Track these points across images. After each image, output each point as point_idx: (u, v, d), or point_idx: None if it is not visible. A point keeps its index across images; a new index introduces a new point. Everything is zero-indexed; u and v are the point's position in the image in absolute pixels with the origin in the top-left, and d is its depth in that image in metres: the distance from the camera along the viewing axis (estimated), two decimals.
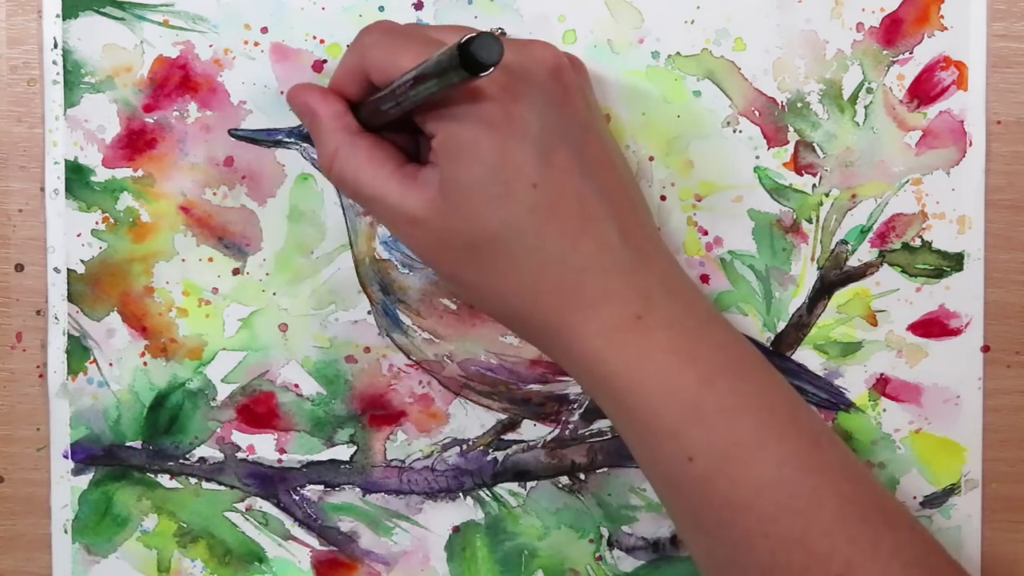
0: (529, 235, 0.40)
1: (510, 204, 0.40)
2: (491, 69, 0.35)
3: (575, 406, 0.49)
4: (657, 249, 0.43)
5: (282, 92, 0.48)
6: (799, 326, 0.48)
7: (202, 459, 0.49)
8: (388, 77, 0.41)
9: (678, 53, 0.48)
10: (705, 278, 0.48)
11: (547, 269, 0.40)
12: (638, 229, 0.42)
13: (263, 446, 0.49)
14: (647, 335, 0.40)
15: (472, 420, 0.49)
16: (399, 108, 0.40)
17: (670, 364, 0.40)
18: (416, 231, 0.41)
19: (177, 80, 0.48)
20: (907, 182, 0.48)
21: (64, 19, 0.47)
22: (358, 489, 0.49)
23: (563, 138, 0.40)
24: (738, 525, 0.40)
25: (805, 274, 0.48)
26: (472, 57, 0.34)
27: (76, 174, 0.48)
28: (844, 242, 0.48)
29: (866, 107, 0.48)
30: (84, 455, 0.49)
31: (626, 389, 0.40)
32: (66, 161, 0.48)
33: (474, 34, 0.34)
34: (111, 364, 0.48)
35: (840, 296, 0.48)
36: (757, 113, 0.48)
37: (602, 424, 0.49)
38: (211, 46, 0.48)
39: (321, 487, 0.49)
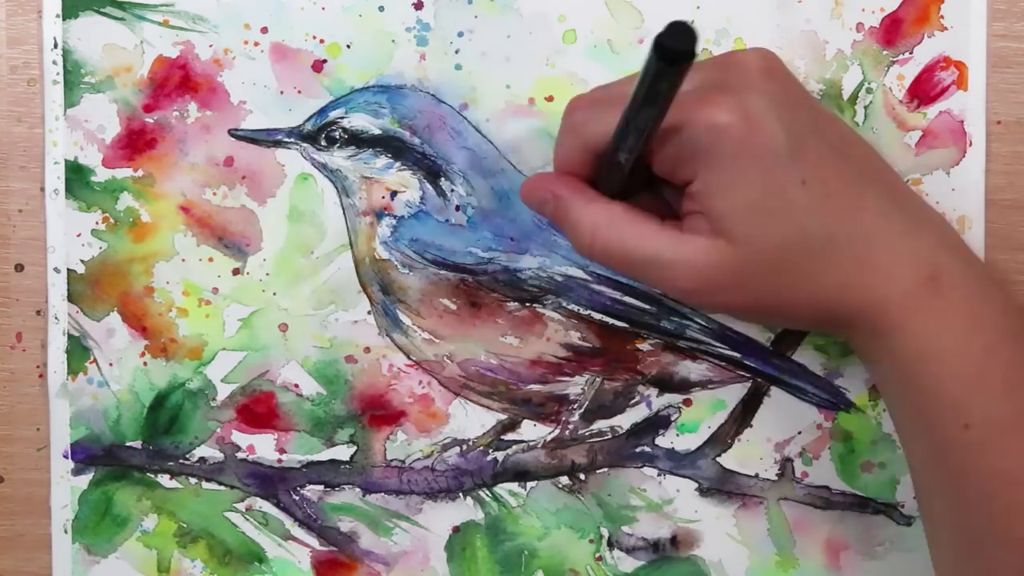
0: (816, 231, 0.40)
1: (791, 211, 0.40)
2: (692, 56, 0.34)
3: (575, 406, 0.49)
4: (926, 208, 0.43)
5: (282, 92, 0.48)
6: None
7: (202, 459, 0.49)
8: (608, 143, 0.40)
9: None
10: None
11: (840, 254, 0.40)
12: (900, 190, 0.43)
13: (263, 446, 0.49)
14: (942, 296, 0.40)
15: (472, 420, 0.49)
16: (633, 153, 0.40)
17: (961, 330, 0.40)
18: (704, 279, 0.40)
19: (177, 80, 0.48)
20: (907, 182, 0.48)
21: (64, 19, 0.47)
22: (358, 489, 0.49)
23: (805, 128, 0.40)
24: (1002, 497, 0.39)
25: None
26: (670, 49, 0.34)
27: (76, 174, 0.48)
28: None
29: (866, 107, 0.48)
30: (84, 455, 0.49)
31: (914, 355, 0.40)
32: (66, 161, 0.48)
33: (662, 31, 0.34)
34: (111, 364, 0.48)
35: None
36: None
37: (602, 424, 0.49)
38: (211, 46, 0.48)
39: (321, 487, 0.49)
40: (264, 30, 0.48)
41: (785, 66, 0.42)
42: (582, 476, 0.49)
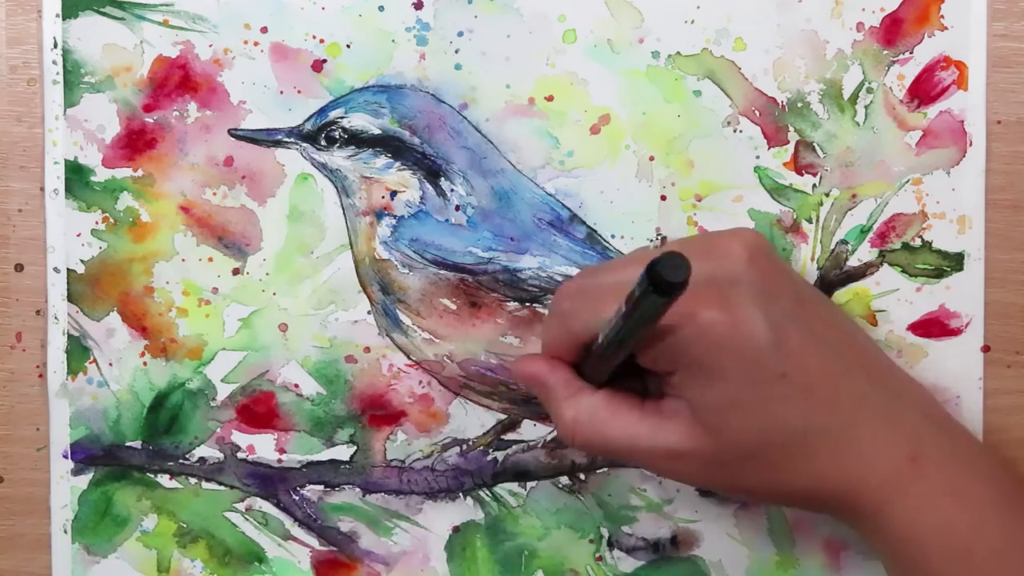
0: (794, 422, 0.40)
1: (769, 405, 0.39)
2: (685, 285, 0.34)
3: None
4: (906, 383, 0.43)
5: (282, 92, 0.48)
6: None
7: (202, 459, 0.49)
8: (596, 334, 0.40)
9: (678, 53, 0.48)
10: None
11: (817, 443, 0.40)
12: (881, 369, 0.42)
13: (263, 446, 0.49)
14: (924, 476, 0.40)
15: (472, 420, 0.49)
16: (619, 354, 0.40)
17: (944, 508, 0.40)
18: (681, 463, 0.41)
19: (177, 80, 0.48)
20: (907, 182, 0.48)
21: (64, 19, 0.47)
22: (358, 489, 0.49)
23: (787, 317, 0.40)
24: None
25: (805, 274, 0.48)
26: (663, 279, 0.34)
27: (76, 174, 0.48)
28: (844, 242, 0.48)
29: (866, 107, 0.48)
30: (84, 455, 0.49)
31: (901, 535, 0.40)
32: (66, 161, 0.48)
33: (656, 258, 0.34)
34: (111, 364, 0.48)
35: (840, 296, 0.48)
36: (757, 113, 0.48)
37: None
38: (211, 46, 0.48)
39: (321, 487, 0.49)
40: (264, 30, 0.48)
41: (770, 248, 0.42)
42: (582, 476, 0.49)
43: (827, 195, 0.48)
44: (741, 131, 0.48)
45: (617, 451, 0.42)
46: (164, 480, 0.49)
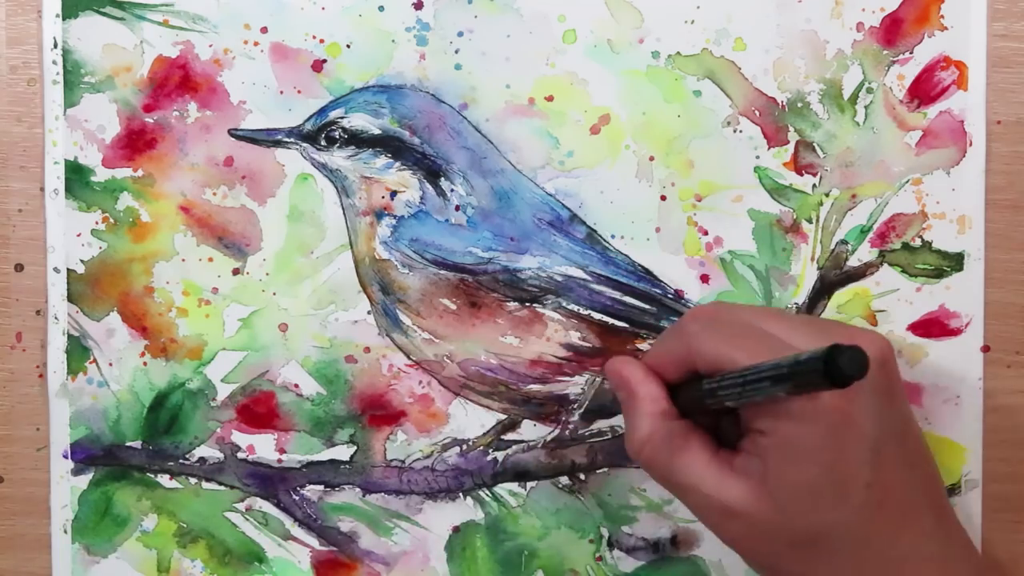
0: (856, 532, 0.39)
1: (842, 505, 0.39)
2: (854, 382, 0.34)
3: (575, 406, 0.49)
4: (957, 528, 0.43)
5: (282, 92, 0.48)
6: None
7: (202, 459, 0.49)
8: (716, 369, 0.40)
9: (678, 53, 0.48)
10: (705, 278, 0.48)
11: (868, 562, 0.40)
12: (951, 521, 0.42)
13: (263, 446, 0.49)
14: None
15: (472, 420, 0.49)
16: (732, 403, 0.39)
17: None
18: (733, 523, 0.40)
19: (177, 80, 0.48)
20: (907, 182, 0.48)
21: (64, 19, 0.47)
22: (358, 489, 0.49)
23: (891, 433, 0.40)
24: None
25: (805, 274, 0.48)
26: (840, 370, 0.34)
27: (76, 174, 0.48)
28: (844, 242, 0.48)
29: (866, 107, 0.48)
30: (84, 455, 0.49)
31: None
32: (66, 161, 0.48)
33: (839, 347, 0.34)
34: (111, 364, 0.48)
35: (840, 296, 0.48)
36: (757, 113, 0.48)
37: (602, 424, 0.49)
38: (211, 46, 0.48)
39: (321, 487, 0.49)
40: (264, 30, 0.48)
41: (895, 358, 0.41)
42: (582, 476, 0.49)
43: (827, 195, 0.48)
44: (741, 131, 0.48)
45: (676, 484, 0.41)
46: (164, 480, 0.49)
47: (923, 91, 0.48)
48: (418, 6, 0.48)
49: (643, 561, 0.49)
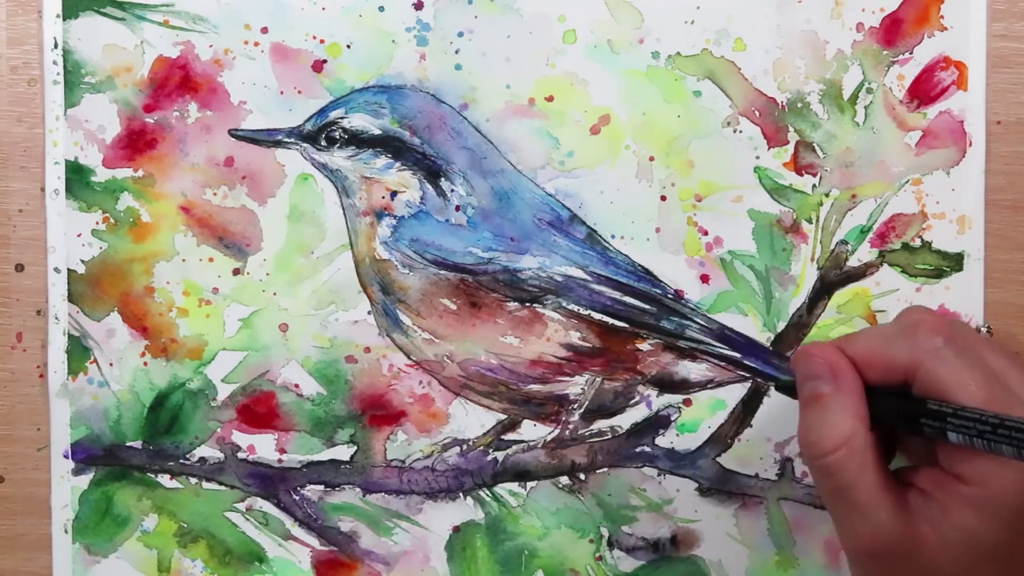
0: None
1: (999, 574, 0.37)
2: None
3: (575, 406, 0.49)
4: None
5: (282, 92, 0.48)
6: (799, 326, 0.48)
7: (202, 459, 0.49)
8: (942, 395, 0.37)
9: (678, 53, 0.48)
10: (705, 278, 0.48)
11: None
12: None
13: (263, 446, 0.49)
14: None
15: (472, 420, 0.49)
16: (958, 440, 0.37)
17: None
18: (880, 563, 0.38)
19: (177, 80, 0.48)
20: (907, 182, 0.48)
21: (64, 19, 0.47)
22: (358, 489, 0.49)
23: None
24: None
25: (805, 274, 0.48)
26: None
27: (76, 174, 0.48)
28: (844, 242, 0.48)
29: (866, 107, 0.48)
30: (84, 455, 0.49)
31: None
32: (66, 161, 0.48)
33: None
34: (111, 364, 0.48)
35: (840, 296, 0.48)
36: (757, 113, 0.48)
37: (602, 424, 0.49)
38: (211, 46, 0.48)
39: (321, 487, 0.49)
40: (264, 30, 0.48)
41: None
42: (582, 476, 0.49)
43: (827, 195, 0.48)
44: (741, 131, 0.48)
45: (849, 501, 0.38)
46: (164, 480, 0.49)
47: (923, 91, 0.48)
48: (418, 6, 0.48)
49: (643, 561, 0.49)
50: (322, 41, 0.48)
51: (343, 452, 0.49)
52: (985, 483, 0.37)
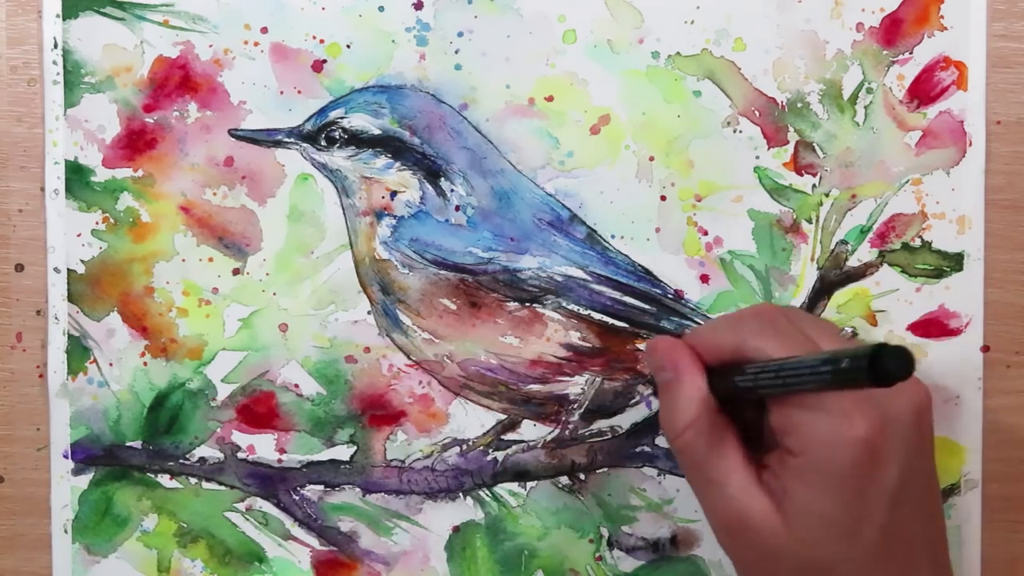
0: (860, 570, 0.39)
1: (854, 542, 0.39)
2: (896, 382, 0.34)
3: (575, 406, 0.49)
4: None
5: (282, 92, 0.48)
6: None
7: (202, 459, 0.49)
8: (755, 359, 0.40)
9: (678, 53, 0.48)
10: (705, 278, 0.48)
11: None
12: (945, 571, 0.42)
13: (263, 446, 0.49)
14: None
15: (472, 420, 0.49)
16: (770, 392, 0.39)
17: None
18: (744, 536, 0.40)
19: (177, 80, 0.48)
20: (907, 182, 0.48)
21: (64, 19, 0.47)
22: (358, 489, 0.49)
23: (913, 483, 0.40)
24: None
25: (805, 274, 0.48)
26: (885, 369, 0.34)
27: (76, 174, 0.48)
28: (844, 242, 0.48)
29: (866, 107, 0.48)
30: (84, 455, 0.49)
31: None
32: (66, 161, 0.48)
33: (886, 345, 0.34)
34: (111, 364, 0.48)
35: (840, 296, 0.48)
36: (757, 113, 0.48)
37: (602, 424, 0.49)
38: (211, 46, 0.48)
39: (321, 487, 0.49)
40: (264, 30, 0.48)
41: (932, 411, 0.41)
42: (582, 476, 0.49)
43: (827, 195, 0.48)
44: (741, 131, 0.48)
45: (705, 478, 0.41)
46: (164, 480, 0.49)
47: (923, 91, 0.48)
48: (418, 6, 0.48)
49: (643, 561, 0.49)
50: (322, 41, 0.48)
51: (343, 452, 0.49)
52: (806, 451, 0.39)
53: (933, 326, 0.48)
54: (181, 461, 0.49)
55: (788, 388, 0.38)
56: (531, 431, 0.49)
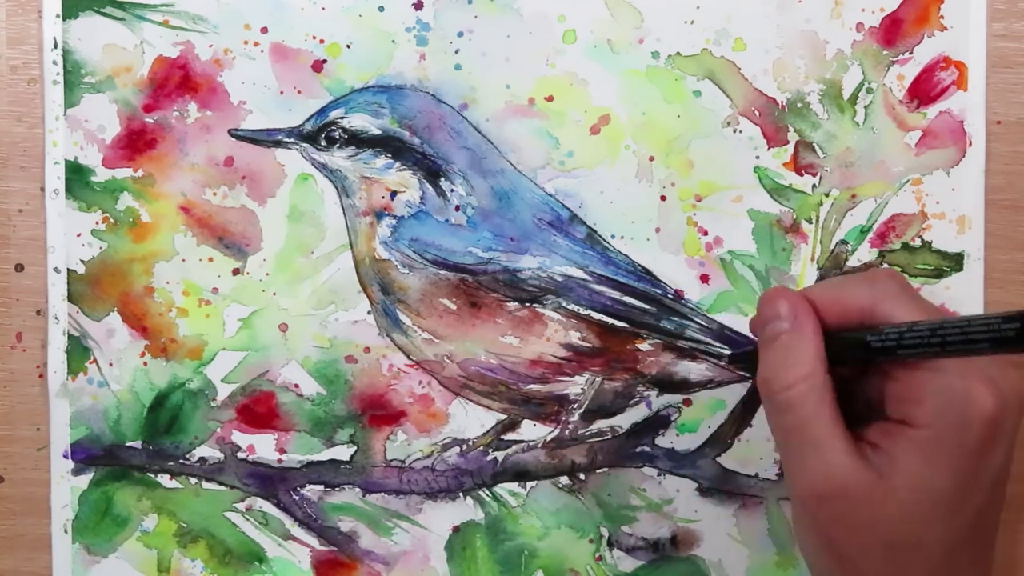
0: (949, 548, 0.38)
1: (956, 520, 0.38)
2: None
3: (575, 406, 0.49)
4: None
5: (282, 92, 0.48)
6: None
7: (202, 459, 0.49)
8: (885, 322, 0.39)
9: (678, 53, 0.48)
10: (705, 278, 0.48)
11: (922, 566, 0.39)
12: (988, 568, 0.41)
13: (263, 446, 0.49)
14: None
15: (472, 420, 0.49)
16: (912, 356, 0.38)
17: None
18: (839, 503, 0.38)
19: (177, 80, 0.48)
20: (907, 182, 0.48)
21: (64, 19, 0.47)
22: (358, 489, 0.49)
23: (1006, 470, 0.39)
24: None
25: (805, 274, 0.48)
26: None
27: (76, 174, 0.48)
28: (844, 242, 0.48)
29: (866, 107, 0.48)
30: (84, 455, 0.49)
31: None
32: (66, 161, 0.48)
33: None
34: (111, 364, 0.48)
35: None
36: (757, 113, 0.48)
37: (602, 424, 0.49)
38: (211, 46, 0.48)
39: (321, 487, 0.49)
40: (264, 30, 0.48)
41: None
42: (582, 476, 0.49)
43: (827, 195, 0.48)
44: (741, 131, 0.48)
45: (807, 437, 0.39)
46: (164, 480, 0.49)
47: (923, 91, 0.48)
48: (418, 6, 0.48)
49: (643, 561, 0.49)
50: (322, 41, 0.48)
51: (343, 452, 0.49)
52: (930, 424, 0.38)
53: None
54: (181, 461, 0.49)
55: (944, 350, 0.37)
56: (531, 431, 0.49)
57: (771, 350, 0.40)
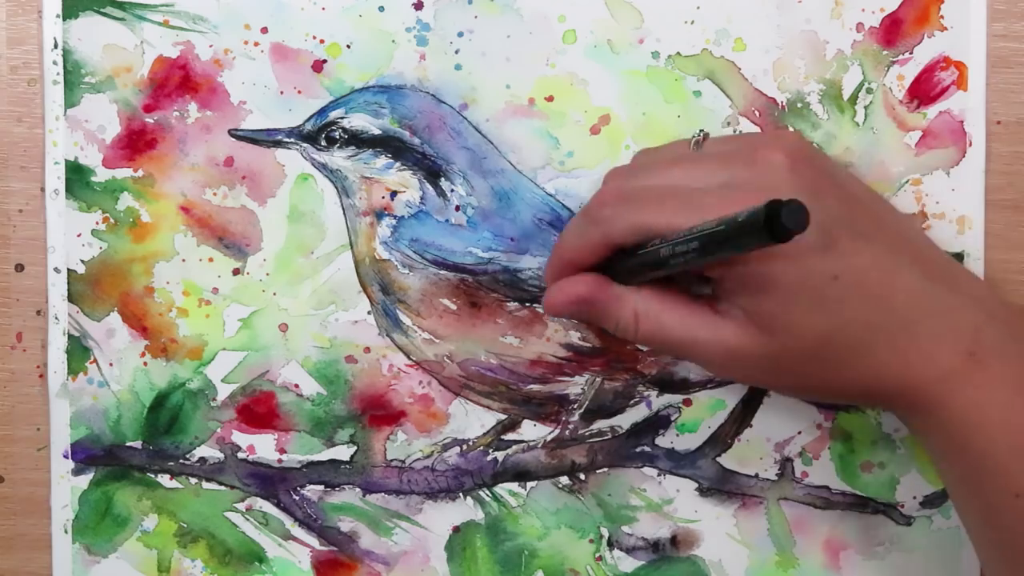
0: (850, 323, 0.40)
1: (824, 306, 0.40)
2: (794, 235, 0.34)
3: (575, 406, 0.49)
4: (964, 278, 0.43)
5: (282, 92, 0.48)
6: None
7: (202, 459, 0.49)
8: (641, 239, 0.41)
9: (678, 53, 0.48)
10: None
11: (874, 341, 0.40)
12: (937, 265, 0.42)
13: (263, 446, 0.49)
14: (984, 368, 0.40)
15: (472, 420, 0.49)
16: (668, 270, 0.40)
17: (1005, 399, 0.40)
18: (740, 362, 0.41)
19: (177, 80, 0.48)
20: (907, 182, 0.48)
21: (64, 19, 0.47)
22: (358, 489, 0.49)
23: (834, 220, 0.40)
24: None
25: None
26: (781, 224, 0.34)
27: (76, 174, 0.48)
28: None
29: (866, 107, 0.48)
30: (84, 455, 0.49)
31: (960, 428, 0.40)
32: (66, 161, 0.48)
33: (778, 202, 0.34)
34: (111, 364, 0.48)
35: None
36: (757, 113, 0.48)
37: (602, 424, 0.49)
38: (211, 46, 0.48)
39: (321, 487, 0.49)
40: (264, 30, 0.48)
41: (811, 151, 0.42)
42: (582, 476, 0.49)
43: None
44: (741, 131, 0.48)
45: (678, 343, 0.42)
46: (164, 480, 0.49)
47: (923, 91, 0.48)
48: (418, 6, 0.48)
49: (643, 561, 0.49)
50: (322, 41, 0.48)
51: (343, 452, 0.49)
52: (733, 274, 0.40)
53: None
54: (181, 461, 0.49)
55: (697, 263, 0.39)
56: (531, 431, 0.49)
57: (599, 321, 0.44)
